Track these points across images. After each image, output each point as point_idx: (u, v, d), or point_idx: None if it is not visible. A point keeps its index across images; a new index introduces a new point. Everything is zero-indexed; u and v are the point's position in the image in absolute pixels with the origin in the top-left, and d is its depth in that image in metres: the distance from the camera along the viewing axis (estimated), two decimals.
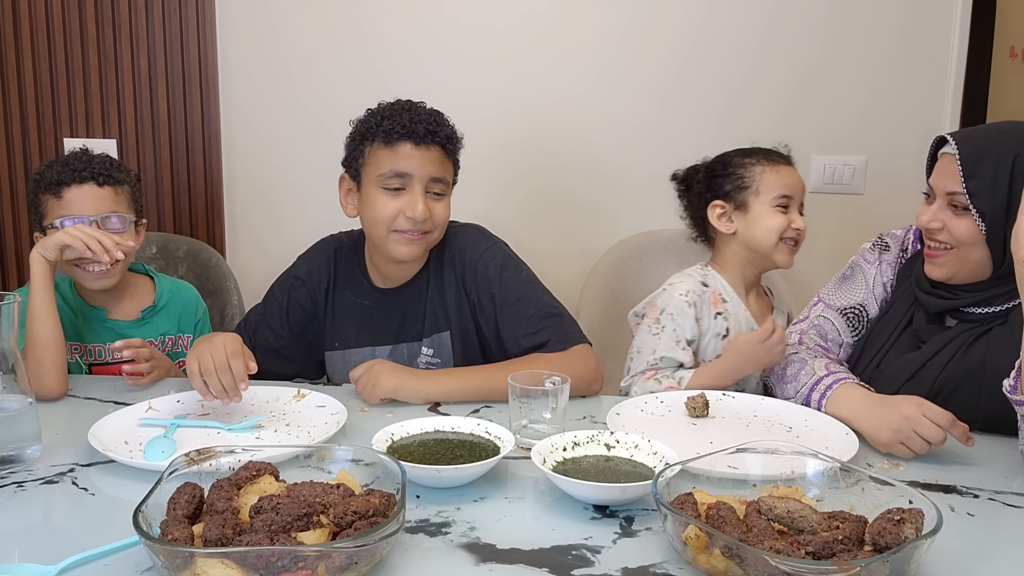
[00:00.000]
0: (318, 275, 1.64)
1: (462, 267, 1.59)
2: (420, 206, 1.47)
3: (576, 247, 2.28)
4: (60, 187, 1.53)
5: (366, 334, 1.63)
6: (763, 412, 1.38)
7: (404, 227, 1.49)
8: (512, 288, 1.55)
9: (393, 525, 0.84)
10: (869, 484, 0.96)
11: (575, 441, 1.14)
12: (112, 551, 0.90)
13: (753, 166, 1.62)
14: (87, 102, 2.27)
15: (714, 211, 1.64)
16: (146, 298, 1.69)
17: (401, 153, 1.48)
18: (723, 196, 1.63)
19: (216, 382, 1.27)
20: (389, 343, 1.62)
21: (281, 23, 2.25)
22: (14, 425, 1.14)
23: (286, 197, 2.32)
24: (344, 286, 1.64)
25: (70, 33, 2.24)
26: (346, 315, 1.63)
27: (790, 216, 1.60)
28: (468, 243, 1.60)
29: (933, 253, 1.38)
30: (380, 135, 1.49)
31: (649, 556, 0.92)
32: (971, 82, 2.36)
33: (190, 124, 2.28)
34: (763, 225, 1.59)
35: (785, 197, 1.60)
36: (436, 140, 1.50)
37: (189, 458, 0.96)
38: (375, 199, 1.49)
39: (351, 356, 1.63)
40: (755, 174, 1.61)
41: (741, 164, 1.63)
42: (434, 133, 1.50)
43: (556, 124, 2.28)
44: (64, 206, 1.53)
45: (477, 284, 1.57)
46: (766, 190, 1.60)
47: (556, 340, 1.51)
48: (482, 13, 2.24)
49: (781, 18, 2.23)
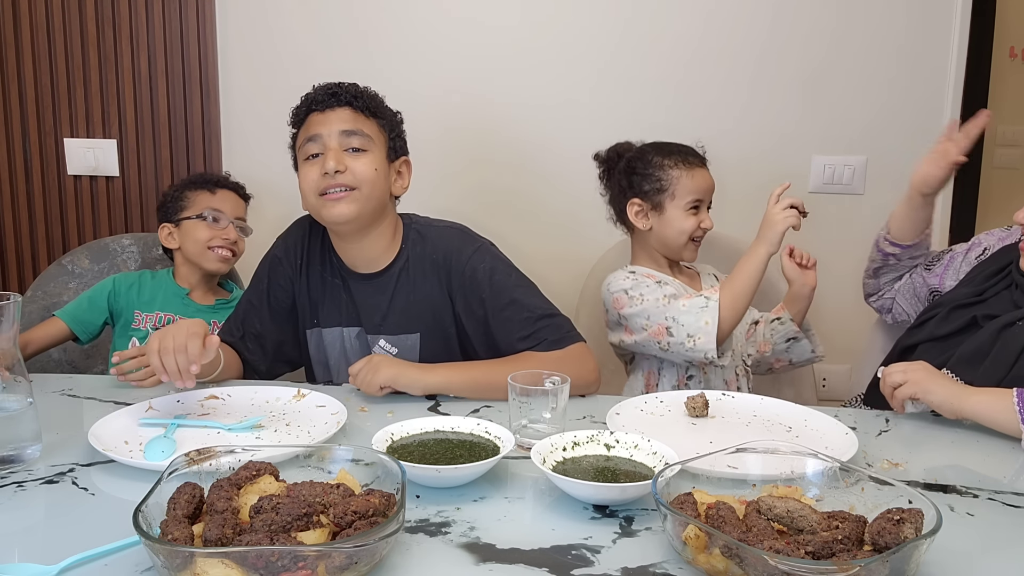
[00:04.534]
0: (294, 251, 1.64)
1: (447, 271, 1.56)
2: (331, 159, 1.47)
3: (575, 248, 2.28)
4: (214, 186, 1.98)
5: (335, 313, 1.61)
6: (763, 412, 1.38)
7: (324, 185, 1.48)
8: (503, 292, 1.54)
9: (393, 525, 0.84)
10: (869, 484, 0.96)
11: (575, 441, 1.14)
12: (112, 551, 0.90)
13: (671, 169, 1.69)
14: (87, 102, 2.27)
15: (632, 208, 1.73)
16: (222, 295, 2.03)
17: (311, 123, 1.52)
18: (641, 195, 1.71)
19: (171, 361, 1.27)
20: (356, 326, 1.61)
21: (281, 23, 2.25)
22: (14, 425, 1.14)
23: (286, 197, 2.32)
24: (316, 261, 1.63)
25: (70, 33, 2.24)
26: (318, 292, 1.63)
27: (700, 217, 1.70)
28: (454, 246, 1.58)
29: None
30: (297, 120, 1.56)
31: (649, 556, 0.92)
32: (971, 82, 2.36)
33: (190, 124, 2.28)
34: (675, 227, 1.70)
35: (698, 200, 1.69)
36: (340, 101, 1.52)
37: (189, 458, 0.96)
38: (301, 173, 1.53)
39: (324, 336, 1.63)
40: (672, 178, 1.69)
41: (660, 166, 1.70)
42: (335, 95, 1.52)
43: (556, 125, 2.29)
44: (215, 200, 1.95)
45: (465, 289, 1.55)
46: (681, 194, 1.68)
47: (552, 340, 1.50)
48: (482, 13, 2.24)
49: (781, 19, 2.24)
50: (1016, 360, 1.38)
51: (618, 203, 1.78)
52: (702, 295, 1.60)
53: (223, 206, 1.96)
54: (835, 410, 1.40)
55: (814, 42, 2.24)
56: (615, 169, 1.79)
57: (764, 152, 2.28)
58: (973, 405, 1.28)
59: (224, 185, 2.00)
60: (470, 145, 2.29)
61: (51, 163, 2.31)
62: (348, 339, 1.61)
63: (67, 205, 2.33)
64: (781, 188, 1.62)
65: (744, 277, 1.59)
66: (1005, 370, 1.38)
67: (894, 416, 1.38)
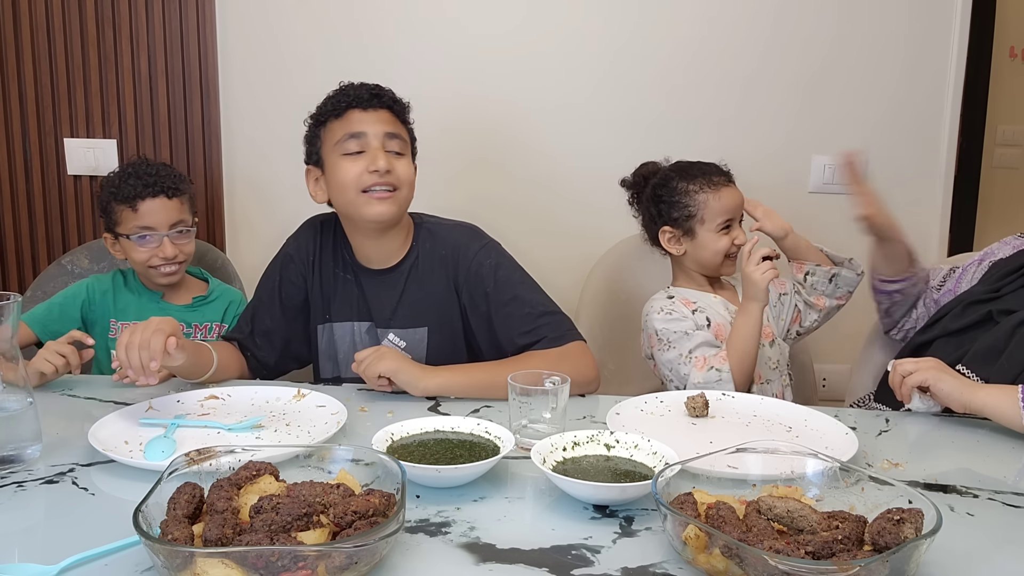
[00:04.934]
0: (305, 248, 1.67)
1: (455, 266, 1.60)
2: (381, 159, 1.50)
3: (576, 248, 2.28)
4: (135, 200, 1.72)
5: (346, 308, 1.64)
6: (763, 412, 1.38)
7: (370, 183, 1.51)
8: (507, 287, 1.57)
9: (393, 525, 0.84)
10: (869, 484, 0.96)
11: (575, 441, 1.14)
12: (112, 551, 0.90)
13: (696, 194, 1.69)
14: (87, 102, 2.27)
15: (664, 236, 1.73)
16: (199, 291, 1.88)
17: (352, 119, 1.54)
18: (671, 222, 1.72)
19: (135, 356, 1.28)
20: (366, 321, 1.63)
21: (280, 23, 2.25)
22: (14, 425, 1.14)
23: (286, 197, 2.32)
24: (328, 258, 1.66)
25: (70, 33, 2.24)
26: (331, 287, 1.65)
27: (732, 235, 1.70)
28: (462, 242, 1.61)
29: None
30: (330, 113, 1.56)
31: (649, 556, 0.92)
32: (971, 82, 2.36)
33: (190, 124, 2.28)
34: (709, 249, 1.70)
35: (728, 220, 1.69)
36: (383, 103, 1.56)
37: (189, 458, 0.96)
38: (339, 167, 1.53)
39: (335, 331, 1.65)
40: (699, 203, 1.68)
41: (685, 192, 1.70)
42: (379, 96, 1.56)
43: (557, 126, 2.29)
44: (139, 217, 1.72)
45: (470, 283, 1.58)
46: (710, 217, 1.68)
47: (552, 337, 1.52)
48: (482, 14, 2.24)
49: (782, 20, 2.24)
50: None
51: (650, 229, 1.78)
52: (713, 368, 1.58)
53: (151, 220, 1.73)
54: (835, 410, 1.40)
55: (814, 43, 2.24)
56: (643, 195, 1.79)
57: (764, 152, 2.28)
58: (982, 398, 1.28)
59: (145, 194, 1.72)
60: (470, 146, 2.29)
61: (51, 163, 2.31)
62: (358, 333, 1.64)
63: (67, 205, 2.33)
64: (750, 245, 1.62)
65: (746, 337, 1.59)
66: (1021, 367, 1.38)
67: (894, 416, 1.38)
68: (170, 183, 1.75)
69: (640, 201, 1.80)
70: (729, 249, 1.70)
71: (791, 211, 2.28)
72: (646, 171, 1.80)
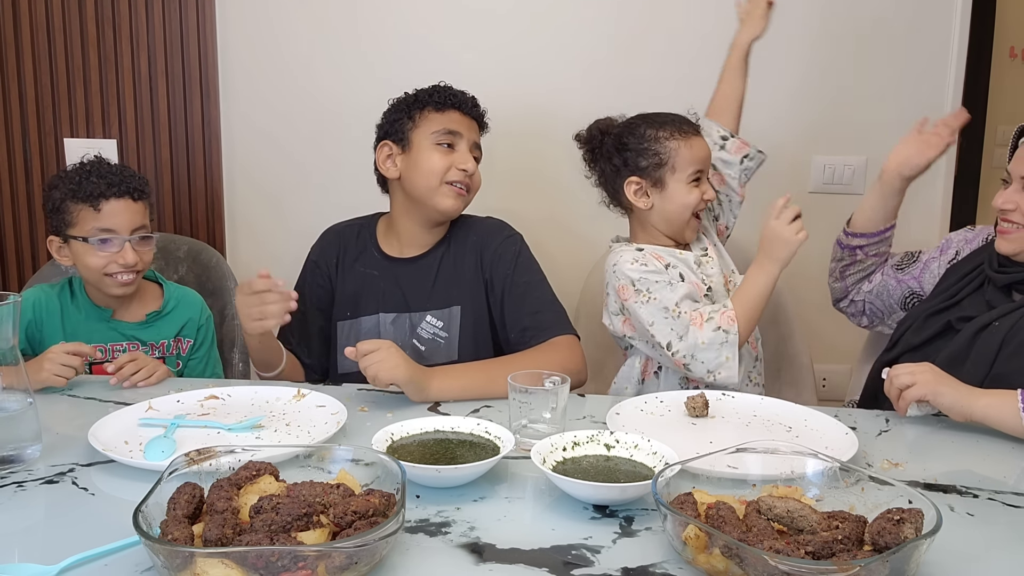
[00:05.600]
0: (329, 252, 1.77)
1: (483, 248, 1.71)
2: (470, 161, 1.65)
3: (575, 249, 2.28)
4: (98, 199, 1.59)
5: (372, 302, 1.72)
6: (763, 412, 1.38)
7: (455, 178, 1.64)
8: (524, 273, 1.69)
9: (393, 525, 0.84)
10: (869, 484, 0.96)
11: (575, 441, 1.14)
12: (112, 551, 0.90)
13: (667, 140, 1.59)
14: (87, 102, 2.27)
15: (630, 187, 1.63)
16: (153, 303, 1.74)
17: (451, 117, 1.67)
18: (638, 171, 1.61)
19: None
20: (392, 311, 1.70)
21: (281, 23, 2.25)
22: (14, 425, 1.14)
23: (286, 197, 2.33)
24: (353, 259, 1.76)
25: (70, 33, 2.24)
26: (355, 285, 1.74)
27: (702, 188, 1.62)
28: (493, 229, 1.75)
29: (1004, 230, 1.48)
30: (431, 103, 1.67)
31: (649, 556, 0.92)
32: (971, 82, 2.36)
33: (190, 124, 2.28)
34: (679, 202, 1.61)
35: (699, 171, 1.61)
36: (476, 115, 1.72)
37: (189, 458, 0.96)
38: (429, 155, 1.64)
39: (360, 325, 1.72)
40: (670, 150, 1.59)
41: (655, 138, 1.60)
42: (477, 107, 1.72)
43: (556, 125, 2.28)
44: (101, 219, 1.60)
45: (494, 265, 1.70)
46: (681, 167, 1.59)
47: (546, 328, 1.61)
48: (482, 14, 2.23)
49: (781, 19, 2.23)
50: (995, 358, 1.39)
51: (611, 183, 1.67)
52: (720, 328, 1.50)
53: (114, 221, 1.60)
54: (835, 410, 1.40)
55: (815, 42, 2.23)
56: (602, 148, 1.68)
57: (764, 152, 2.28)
58: (983, 408, 1.28)
59: (109, 194, 1.60)
60: None
61: (51, 163, 2.30)
62: (384, 324, 1.71)
63: None
64: (783, 200, 1.52)
65: (758, 296, 1.53)
66: (986, 369, 1.39)
67: (894, 416, 1.38)
68: (135, 184, 1.64)
69: (598, 158, 1.69)
70: (698, 204, 1.61)
71: None
72: (603, 125, 1.70)
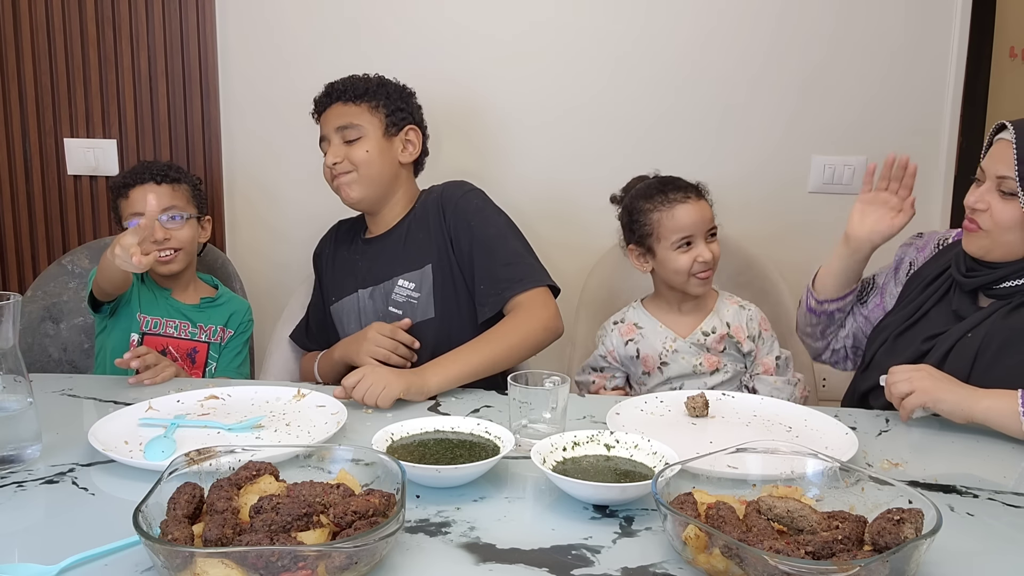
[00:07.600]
0: (322, 245, 1.93)
1: (443, 205, 1.76)
2: (330, 155, 1.73)
3: (575, 249, 2.28)
4: (126, 189, 1.84)
5: (351, 282, 1.81)
6: (763, 412, 1.38)
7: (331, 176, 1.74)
8: (488, 226, 1.72)
9: (393, 525, 0.84)
10: (869, 484, 0.96)
11: (575, 441, 1.14)
12: (112, 551, 0.90)
13: (651, 213, 1.69)
14: (87, 102, 2.27)
15: (632, 254, 1.77)
16: (208, 294, 1.94)
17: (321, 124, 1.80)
18: (635, 241, 1.75)
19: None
20: (369, 286, 1.78)
21: (280, 23, 2.25)
22: (14, 425, 1.14)
23: (286, 197, 2.32)
24: (343, 247, 1.88)
25: (70, 33, 2.24)
26: (342, 270, 1.85)
27: (694, 252, 1.67)
28: (453, 187, 1.80)
29: (971, 228, 1.43)
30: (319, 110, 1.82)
31: (649, 556, 0.92)
32: (971, 82, 2.36)
33: (190, 124, 2.28)
34: (670, 267, 1.70)
35: (686, 237, 1.67)
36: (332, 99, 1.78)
37: (189, 458, 0.96)
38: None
39: (342, 306, 1.81)
40: (653, 222, 1.69)
41: (641, 211, 1.71)
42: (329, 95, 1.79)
43: (555, 125, 2.28)
44: (131, 204, 1.83)
45: (456, 217, 1.73)
46: (665, 235, 1.68)
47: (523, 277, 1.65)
48: (482, 13, 2.23)
49: (781, 19, 2.23)
50: (971, 368, 1.37)
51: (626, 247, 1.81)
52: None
53: (140, 205, 1.78)
54: (835, 410, 1.40)
55: (814, 42, 2.23)
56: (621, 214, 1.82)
57: (764, 152, 2.28)
58: (983, 411, 1.28)
59: (134, 182, 1.82)
60: (467, 147, 2.29)
61: (51, 163, 2.31)
62: (362, 300, 1.78)
63: (67, 205, 2.33)
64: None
65: None
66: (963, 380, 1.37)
67: (894, 416, 1.38)
68: (158, 170, 1.84)
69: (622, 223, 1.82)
70: (692, 267, 1.66)
71: (791, 211, 2.30)
72: (627, 187, 1.82)
